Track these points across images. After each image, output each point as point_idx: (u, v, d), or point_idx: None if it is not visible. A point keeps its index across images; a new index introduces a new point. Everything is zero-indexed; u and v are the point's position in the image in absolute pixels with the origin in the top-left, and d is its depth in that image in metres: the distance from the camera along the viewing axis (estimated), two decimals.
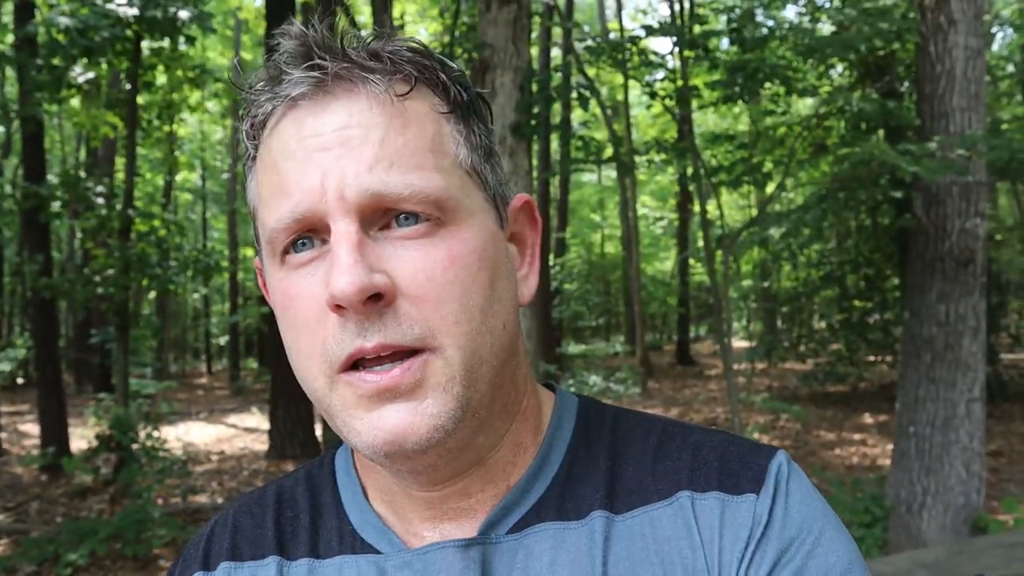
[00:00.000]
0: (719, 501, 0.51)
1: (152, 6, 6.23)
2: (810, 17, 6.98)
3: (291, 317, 0.48)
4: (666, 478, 0.53)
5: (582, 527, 0.52)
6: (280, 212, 0.47)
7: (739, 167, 5.82)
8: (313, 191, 0.46)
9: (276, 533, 0.57)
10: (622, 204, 18.18)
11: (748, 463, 0.53)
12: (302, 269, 0.48)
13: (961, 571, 1.81)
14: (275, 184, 0.48)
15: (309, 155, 0.46)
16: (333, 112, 0.47)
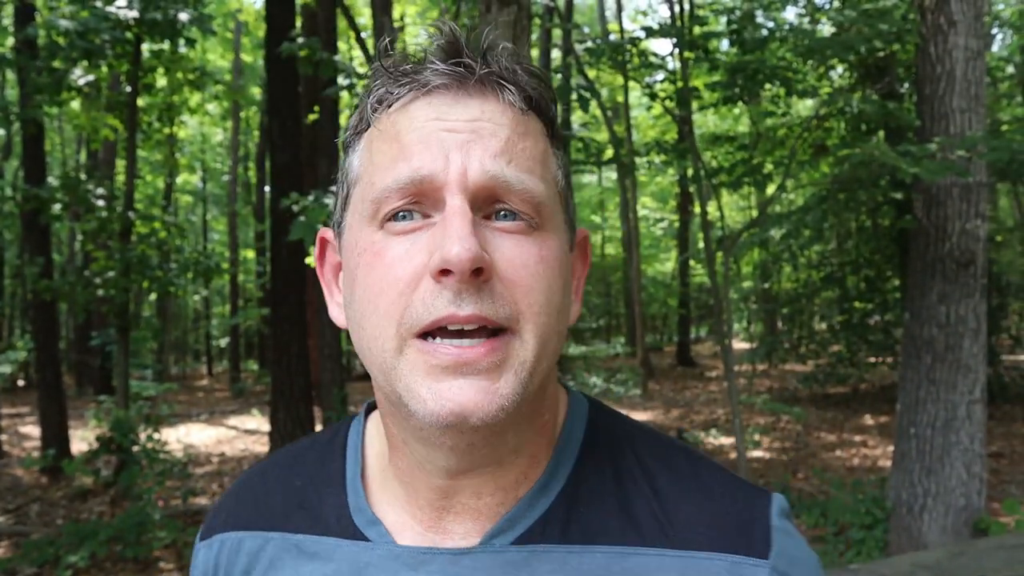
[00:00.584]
0: (734, 564, 0.52)
1: (152, 8, 6.23)
2: (810, 18, 6.98)
3: (378, 277, 0.49)
4: (685, 527, 0.53)
5: (589, 555, 0.52)
6: (399, 174, 0.49)
7: (739, 168, 5.82)
8: (436, 162, 0.49)
9: (282, 502, 0.60)
10: (622, 205, 18.18)
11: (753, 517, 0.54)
12: (403, 236, 0.50)
13: (962, 573, 1.81)
14: (395, 151, 0.50)
15: (438, 134, 0.49)
16: (467, 106, 0.50)
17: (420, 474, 0.53)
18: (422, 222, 0.50)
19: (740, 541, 0.52)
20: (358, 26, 6.57)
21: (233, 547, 0.61)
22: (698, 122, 17.86)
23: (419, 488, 0.54)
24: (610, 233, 25.48)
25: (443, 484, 0.53)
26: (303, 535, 0.58)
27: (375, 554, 0.54)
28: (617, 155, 6.51)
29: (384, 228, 0.50)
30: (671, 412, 10.98)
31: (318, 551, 0.56)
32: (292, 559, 0.57)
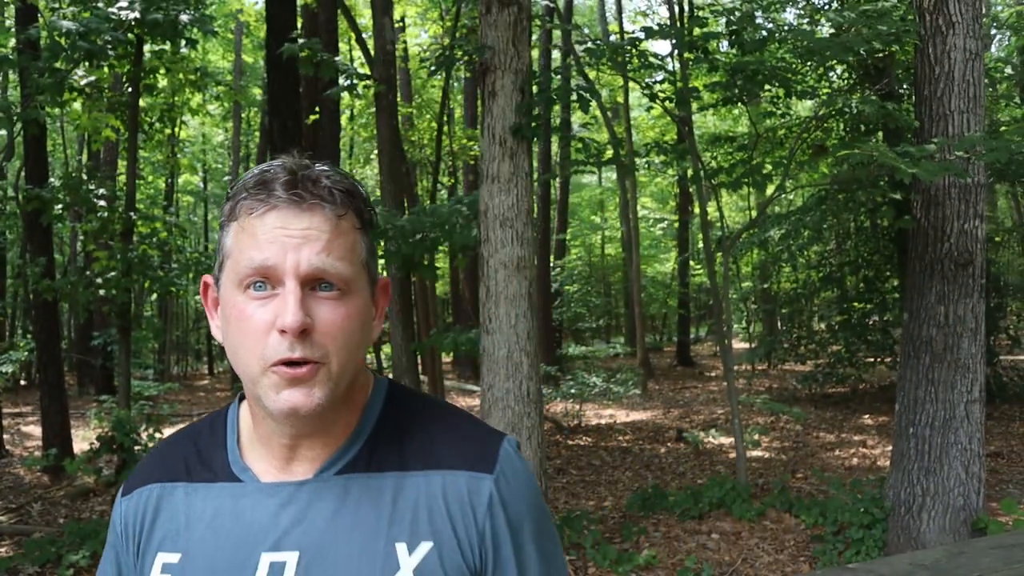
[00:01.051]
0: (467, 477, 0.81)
1: (154, 9, 6.24)
2: (809, 19, 7.00)
3: (243, 327, 0.76)
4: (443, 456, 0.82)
5: (383, 478, 0.81)
6: (253, 261, 0.75)
7: (739, 169, 5.84)
8: (279, 256, 0.74)
9: (184, 462, 0.86)
10: (622, 206, 18.19)
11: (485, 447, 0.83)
12: (258, 301, 0.75)
13: (960, 572, 1.81)
14: (253, 244, 0.75)
15: (281, 238, 0.75)
16: (300, 219, 0.76)
17: (274, 438, 0.81)
18: (271, 292, 0.75)
19: (478, 462, 0.81)
20: (359, 27, 6.58)
21: (148, 496, 0.85)
22: (698, 123, 17.87)
23: (273, 447, 0.82)
24: (610, 233, 25.48)
25: (288, 443, 0.81)
26: (198, 483, 0.84)
27: (247, 489, 0.82)
28: (617, 155, 6.53)
29: (246, 293, 0.76)
30: (671, 412, 11.00)
31: (208, 492, 0.83)
32: (189, 498, 0.83)
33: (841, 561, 4.51)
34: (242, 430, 0.86)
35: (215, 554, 0.79)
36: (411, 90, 15.70)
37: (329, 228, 0.76)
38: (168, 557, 0.81)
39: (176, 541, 0.81)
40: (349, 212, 0.79)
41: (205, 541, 0.80)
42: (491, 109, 4.48)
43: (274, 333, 0.74)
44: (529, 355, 4.42)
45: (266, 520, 0.79)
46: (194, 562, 0.79)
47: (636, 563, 4.45)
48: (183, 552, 0.80)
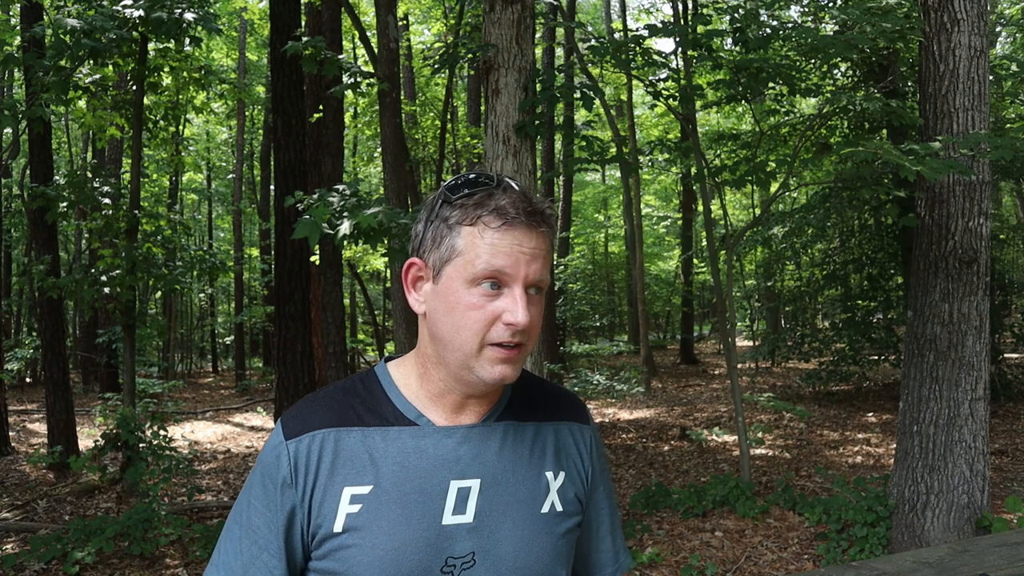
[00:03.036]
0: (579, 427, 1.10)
1: (158, 8, 6.25)
2: (813, 17, 6.98)
3: (472, 315, 0.92)
4: (560, 408, 1.09)
5: (527, 426, 1.04)
6: (491, 265, 0.91)
7: (742, 167, 5.83)
8: (515, 268, 0.92)
9: (353, 410, 0.99)
10: (626, 204, 18.17)
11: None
12: (488, 296, 0.92)
13: (965, 570, 1.81)
14: (493, 253, 0.91)
15: (516, 253, 0.92)
16: (530, 238, 0.93)
17: (449, 394, 0.99)
18: (498, 291, 0.92)
19: (581, 415, 1.11)
20: (362, 25, 6.58)
21: (324, 439, 0.96)
22: (701, 121, 17.84)
23: (446, 400, 0.99)
24: (613, 231, 25.45)
25: (462, 400, 0.99)
26: (373, 427, 0.97)
27: (425, 431, 0.98)
28: (620, 153, 6.52)
29: (478, 287, 0.92)
30: (674, 410, 10.99)
31: (387, 435, 0.97)
32: (367, 439, 0.96)
33: (845, 559, 4.51)
34: (402, 387, 1.01)
35: (406, 483, 0.94)
36: (415, 88, 15.69)
37: (546, 248, 0.95)
38: (357, 489, 0.93)
39: (363, 475, 0.94)
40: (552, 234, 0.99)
41: (395, 474, 0.95)
42: (494, 107, 4.48)
43: (500, 323, 0.92)
44: (532, 353, 4.42)
45: (449, 454, 0.97)
46: (386, 491, 0.94)
47: (640, 561, 4.45)
48: (374, 484, 0.94)
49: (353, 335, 18.91)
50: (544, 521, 1.00)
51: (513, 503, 0.98)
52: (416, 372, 1.01)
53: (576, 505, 1.04)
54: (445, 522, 0.94)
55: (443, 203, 0.96)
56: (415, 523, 0.93)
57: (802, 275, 14.90)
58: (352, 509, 0.93)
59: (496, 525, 0.96)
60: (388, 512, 0.93)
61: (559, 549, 1.01)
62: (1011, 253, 14.38)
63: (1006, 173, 9.08)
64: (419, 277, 0.99)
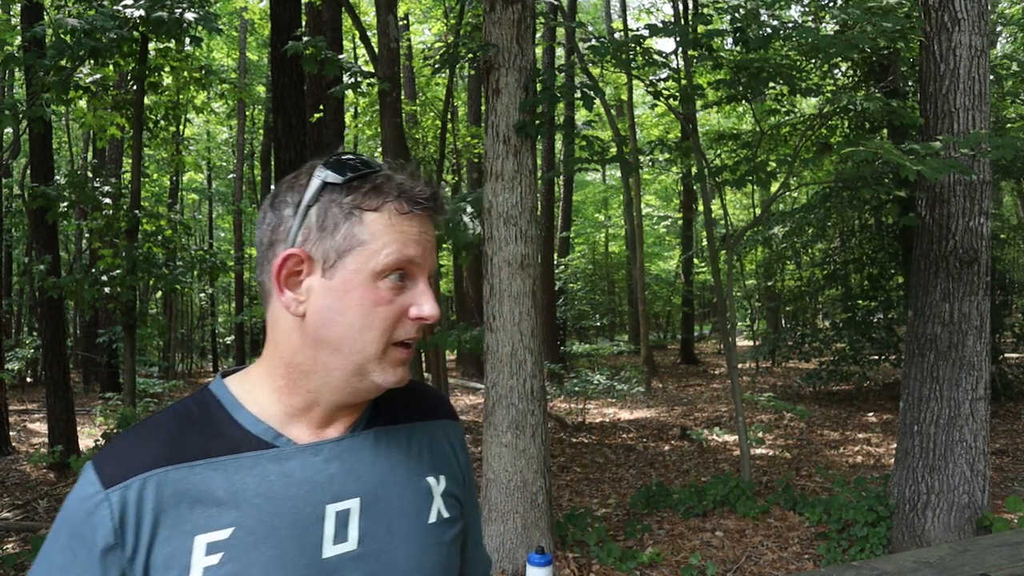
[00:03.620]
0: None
1: (158, 7, 6.26)
2: (814, 16, 6.98)
3: (380, 310, 0.83)
4: (429, 407, 1.01)
5: (398, 429, 0.94)
6: (403, 254, 0.83)
7: (743, 166, 5.83)
8: (417, 256, 0.85)
9: (191, 441, 0.82)
10: (626, 203, 18.17)
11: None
12: (395, 290, 0.84)
13: (965, 570, 1.81)
14: (400, 241, 0.83)
15: (423, 241, 0.86)
16: (430, 229, 0.88)
17: (314, 408, 0.86)
18: (402, 283, 0.84)
19: (448, 412, 1.03)
20: (363, 25, 6.58)
21: (158, 483, 0.78)
22: (702, 120, 17.84)
23: (309, 415, 0.86)
24: (614, 231, 25.46)
25: (331, 412, 0.87)
26: (222, 457, 0.81)
27: (288, 452, 0.84)
28: (621, 153, 6.52)
29: (383, 281, 0.83)
30: (674, 410, 11.00)
31: (240, 464, 0.82)
32: (217, 473, 0.80)
33: (846, 559, 4.51)
34: (248, 405, 0.86)
35: (274, 518, 0.80)
36: (415, 88, 15.69)
37: (435, 236, 0.90)
38: (213, 536, 0.78)
39: (219, 517, 0.79)
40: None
41: (259, 508, 0.80)
42: (495, 107, 4.48)
43: (406, 319, 0.85)
44: (533, 353, 4.43)
45: (319, 475, 0.84)
46: (251, 531, 0.79)
47: (640, 560, 4.46)
48: (234, 525, 0.79)
49: None
50: (433, 532, 0.90)
51: (399, 518, 0.87)
52: (270, 386, 0.86)
53: (458, 508, 0.96)
54: (327, 554, 0.81)
55: (327, 186, 0.83)
56: (292, 562, 0.79)
57: (802, 275, 14.90)
58: (210, 561, 0.77)
59: (384, 547, 0.85)
60: (258, 556, 0.78)
61: (451, 559, 0.92)
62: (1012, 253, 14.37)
63: (1007, 173, 9.08)
64: (296, 272, 0.83)
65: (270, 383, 0.86)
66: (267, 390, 0.86)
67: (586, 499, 6.18)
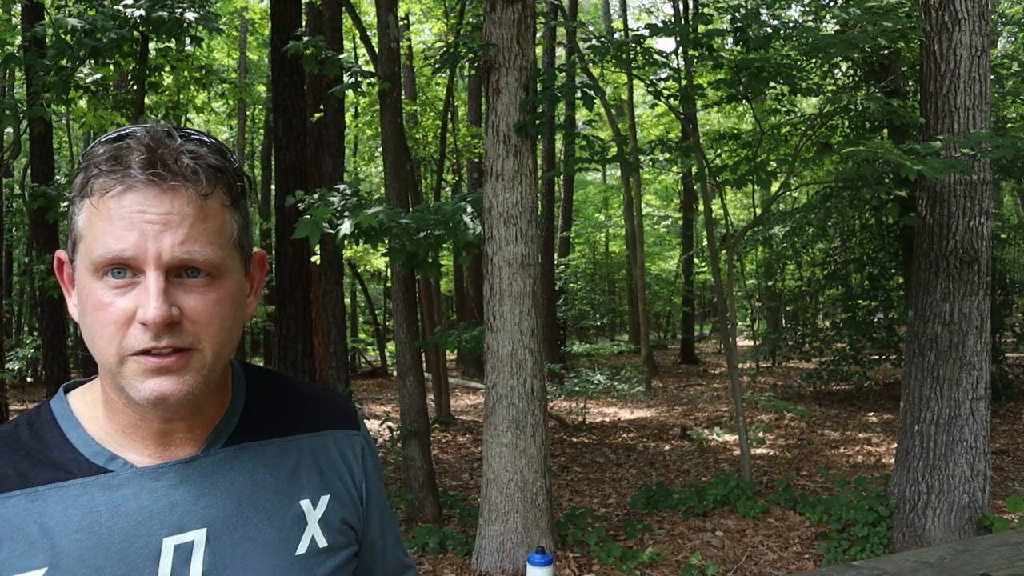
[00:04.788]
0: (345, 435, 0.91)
1: (159, 7, 6.26)
2: (814, 16, 6.98)
3: (101, 316, 0.69)
4: (317, 416, 0.89)
5: (268, 444, 0.82)
6: (110, 250, 0.68)
7: (743, 166, 5.83)
8: (139, 247, 0.68)
9: (12, 467, 0.73)
10: (626, 203, 18.17)
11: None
12: (117, 290, 0.69)
13: (966, 570, 1.81)
14: (108, 230, 0.68)
15: (140, 224, 0.68)
16: (161, 202, 0.69)
17: (142, 424, 0.75)
18: (130, 279, 0.69)
19: (347, 421, 0.90)
20: (363, 24, 6.58)
21: None
22: (702, 120, 17.84)
23: (144, 433, 0.76)
24: (614, 231, 25.46)
25: (164, 427, 0.76)
26: (43, 486, 0.72)
27: (122, 477, 0.74)
28: (621, 153, 6.52)
29: (103, 280, 0.69)
30: (675, 409, 11.00)
31: (65, 493, 0.72)
32: (34, 505, 0.72)
33: (846, 559, 4.51)
34: (86, 422, 0.77)
35: (96, 555, 0.71)
36: (415, 88, 15.70)
37: (193, 211, 0.70)
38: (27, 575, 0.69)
39: (31, 556, 0.69)
40: (216, 190, 0.73)
41: (79, 543, 0.71)
42: (495, 106, 4.48)
43: (136, 324, 0.69)
44: (533, 352, 4.43)
45: (158, 504, 0.74)
46: (68, 571, 0.70)
47: (640, 560, 4.46)
48: (48, 565, 0.69)
49: (354, 335, 18.92)
50: (301, 566, 0.78)
51: (255, 550, 0.76)
52: (103, 400, 0.76)
53: (348, 533, 0.84)
54: None
55: (77, 171, 0.73)
56: None
57: (803, 275, 14.90)
58: None
59: None
60: None
61: None
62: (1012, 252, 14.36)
63: (1007, 172, 9.07)
64: (70, 275, 0.75)
65: (103, 396, 0.76)
66: (100, 405, 0.77)
67: (586, 499, 6.19)
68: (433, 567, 4.48)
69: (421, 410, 5.61)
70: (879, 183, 6.76)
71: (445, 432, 9.55)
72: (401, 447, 5.78)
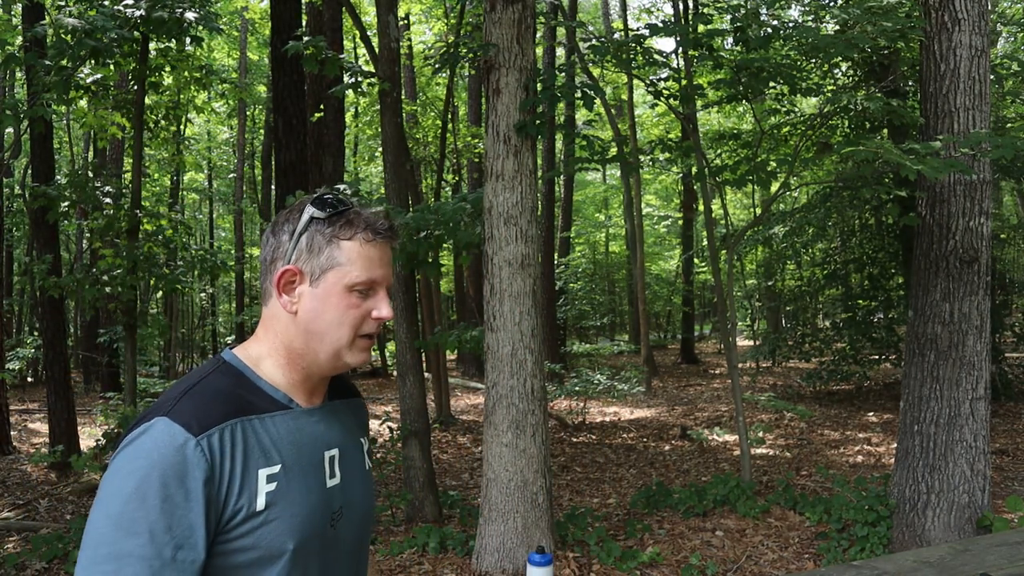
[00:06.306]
0: None
1: (159, 7, 6.26)
2: (814, 16, 6.98)
3: (351, 313, 1.11)
4: (352, 387, 1.37)
5: (344, 402, 1.28)
6: (369, 275, 1.12)
7: (743, 166, 5.83)
8: (384, 277, 1.15)
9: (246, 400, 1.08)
10: (626, 203, 18.17)
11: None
12: (361, 297, 1.12)
13: (965, 569, 1.81)
14: (361, 263, 1.11)
15: (383, 263, 1.14)
16: (388, 251, 1.16)
17: (307, 381, 1.16)
18: (367, 294, 1.13)
19: (357, 391, 1.36)
20: (363, 24, 6.59)
21: (234, 430, 1.03)
22: (702, 120, 17.83)
23: (305, 387, 1.16)
24: (614, 231, 25.45)
25: (316, 385, 1.18)
26: (265, 414, 1.09)
27: (296, 413, 1.14)
28: (621, 153, 6.52)
29: (352, 292, 1.11)
30: (675, 409, 11.00)
31: (274, 420, 1.10)
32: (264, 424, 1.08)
33: (846, 558, 4.51)
34: (262, 375, 1.13)
35: (301, 459, 1.10)
36: (415, 88, 15.69)
37: (392, 255, 1.18)
38: (270, 470, 1.06)
39: (271, 457, 1.07)
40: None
41: (291, 452, 1.10)
42: (495, 107, 4.48)
43: (370, 319, 1.13)
44: (533, 352, 4.43)
45: (316, 430, 1.15)
46: (290, 468, 1.08)
47: (640, 560, 4.46)
48: (281, 463, 1.07)
49: None
50: (368, 474, 1.27)
51: (355, 463, 1.22)
52: (275, 362, 1.14)
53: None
54: (328, 485, 1.14)
55: (314, 219, 1.12)
56: (315, 490, 1.11)
57: (803, 275, 14.90)
58: (270, 487, 1.05)
59: (350, 482, 1.19)
60: (297, 485, 1.08)
61: (374, 493, 1.30)
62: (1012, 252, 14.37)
63: (1007, 172, 9.08)
64: (291, 282, 1.12)
65: (274, 360, 1.14)
66: (272, 366, 1.14)
67: (586, 499, 6.19)
68: (433, 567, 4.48)
69: (421, 410, 5.61)
70: (879, 183, 6.76)
71: (445, 432, 9.56)
72: (401, 447, 5.79)
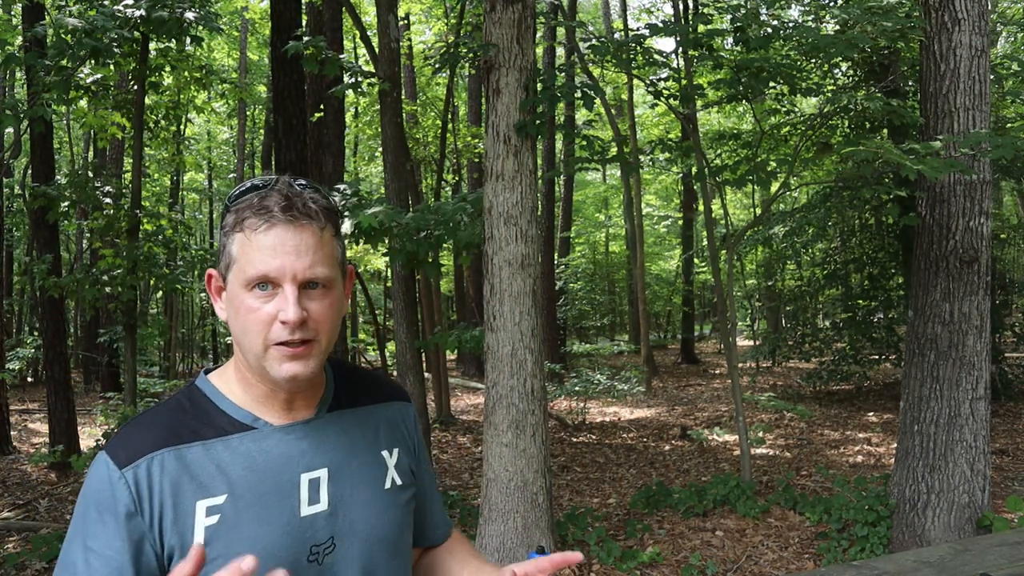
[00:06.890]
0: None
1: (159, 7, 6.25)
2: (814, 16, 6.98)
3: (251, 318, 0.95)
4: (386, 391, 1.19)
5: (358, 410, 1.11)
6: (258, 270, 0.94)
7: (743, 166, 5.83)
8: (281, 269, 0.94)
9: (187, 427, 0.99)
10: (626, 203, 18.17)
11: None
12: (262, 298, 0.95)
13: (965, 569, 1.81)
14: (255, 257, 0.95)
15: (280, 252, 0.95)
16: (294, 235, 0.95)
17: (274, 395, 1.02)
18: (272, 292, 0.95)
19: (402, 395, 1.21)
20: (363, 24, 6.59)
21: (163, 461, 0.95)
22: (702, 120, 17.84)
23: (274, 401, 1.03)
24: (614, 231, 25.45)
25: (289, 397, 1.03)
26: (213, 439, 0.99)
27: (265, 432, 1.01)
28: (621, 153, 6.52)
29: (252, 292, 0.95)
30: (675, 409, 11.00)
31: (228, 444, 0.99)
32: (210, 452, 0.98)
33: (846, 558, 4.51)
34: (228, 395, 1.03)
35: (259, 485, 0.98)
36: (415, 88, 15.69)
37: (314, 242, 0.97)
38: (211, 501, 0.95)
39: (214, 486, 0.96)
40: (328, 225, 0.99)
41: (246, 478, 0.98)
42: (495, 107, 4.49)
43: (277, 323, 0.95)
44: (533, 352, 4.43)
45: (292, 450, 1.02)
46: (241, 497, 0.97)
47: (640, 560, 4.46)
48: (227, 492, 0.96)
49: (354, 334, 18.90)
50: (388, 496, 1.09)
51: (359, 484, 1.05)
52: (237, 379, 1.04)
53: (411, 476, 1.14)
54: (304, 513, 1.00)
55: (225, 211, 1.00)
56: (276, 520, 0.97)
57: (803, 275, 14.90)
58: (210, 521, 0.94)
59: (348, 508, 1.03)
60: (248, 515, 0.96)
61: (404, 519, 1.11)
62: (1012, 252, 14.38)
63: (1007, 172, 9.08)
64: (220, 287, 1.02)
65: (237, 376, 1.04)
66: (237, 383, 1.04)
67: (586, 499, 6.19)
68: None
69: (421, 410, 5.61)
70: (879, 183, 6.76)
71: (445, 432, 9.56)
72: None
